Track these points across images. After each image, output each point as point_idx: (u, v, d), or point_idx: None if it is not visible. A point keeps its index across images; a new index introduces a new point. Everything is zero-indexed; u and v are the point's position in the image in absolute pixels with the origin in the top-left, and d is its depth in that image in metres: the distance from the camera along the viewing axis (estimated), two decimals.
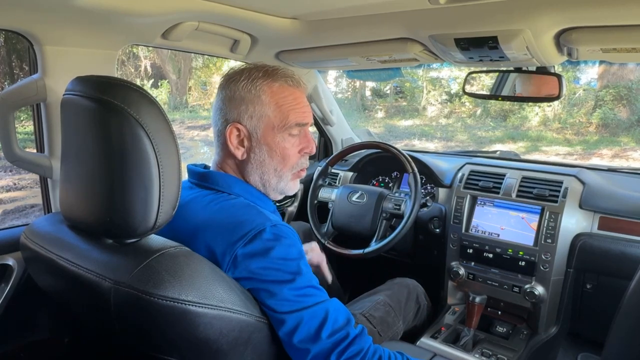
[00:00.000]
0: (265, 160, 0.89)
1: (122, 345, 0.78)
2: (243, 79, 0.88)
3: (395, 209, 1.53)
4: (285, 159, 0.90)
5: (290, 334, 0.74)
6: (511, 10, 0.97)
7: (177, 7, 1.03)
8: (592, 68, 8.09)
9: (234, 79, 0.89)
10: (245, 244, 0.75)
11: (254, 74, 0.88)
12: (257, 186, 0.92)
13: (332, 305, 0.78)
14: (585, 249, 1.38)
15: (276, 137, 0.89)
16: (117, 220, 0.68)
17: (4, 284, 1.09)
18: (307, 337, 0.74)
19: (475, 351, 1.44)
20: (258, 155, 0.89)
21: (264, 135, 0.88)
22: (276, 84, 0.88)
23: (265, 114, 0.87)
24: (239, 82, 0.88)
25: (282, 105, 0.88)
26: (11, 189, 5.03)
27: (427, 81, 10.04)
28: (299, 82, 0.91)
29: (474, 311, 1.53)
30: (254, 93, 0.87)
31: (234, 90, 0.88)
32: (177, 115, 9.92)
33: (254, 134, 0.88)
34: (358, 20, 1.16)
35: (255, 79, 0.87)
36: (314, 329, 0.74)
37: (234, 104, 0.88)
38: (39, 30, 1.03)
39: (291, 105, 0.89)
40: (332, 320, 0.76)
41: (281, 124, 0.88)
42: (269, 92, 0.87)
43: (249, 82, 0.87)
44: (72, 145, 0.74)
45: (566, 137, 8.05)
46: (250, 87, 0.87)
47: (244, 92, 0.87)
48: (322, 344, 0.74)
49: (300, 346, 0.74)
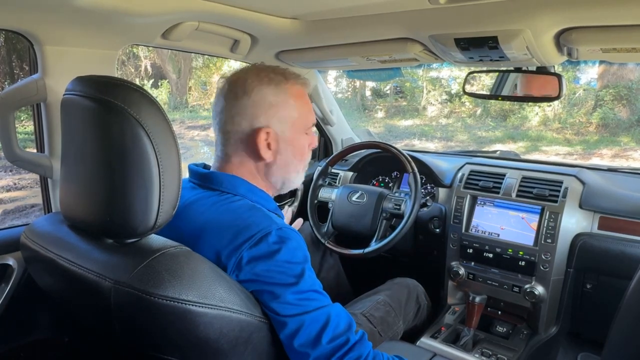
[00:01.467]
0: (289, 160, 0.92)
1: (122, 345, 0.78)
2: (267, 83, 0.88)
3: (395, 208, 1.54)
4: (303, 156, 0.96)
5: (291, 337, 0.74)
6: (511, 10, 0.97)
7: (177, 7, 1.03)
8: (592, 68, 8.10)
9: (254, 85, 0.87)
10: (251, 247, 0.75)
11: (273, 77, 0.89)
12: (274, 185, 0.95)
13: (334, 310, 0.78)
14: (585, 248, 1.38)
15: (300, 138, 0.93)
16: (117, 220, 0.68)
17: (4, 284, 1.09)
18: (307, 341, 0.74)
19: (475, 351, 1.44)
20: (284, 156, 0.91)
21: (290, 136, 0.91)
22: (297, 86, 0.91)
23: (292, 116, 0.90)
24: (263, 86, 0.87)
25: (302, 107, 0.92)
26: (11, 189, 5.03)
27: (427, 81, 10.04)
28: (306, 82, 0.95)
29: (474, 311, 1.53)
30: (282, 97, 0.89)
31: (260, 95, 0.87)
32: (177, 115, 9.92)
33: (282, 136, 0.90)
34: (358, 20, 1.16)
35: (280, 83, 0.89)
36: (314, 334, 0.75)
37: (262, 109, 0.87)
38: (39, 30, 1.03)
39: (309, 106, 0.94)
40: (334, 326, 0.76)
41: (304, 125, 0.93)
42: (294, 95, 0.90)
43: (275, 86, 0.88)
44: (72, 145, 0.74)
45: (566, 137, 8.05)
46: (278, 91, 0.88)
47: (272, 96, 0.88)
48: (321, 349, 0.74)
49: (300, 350, 0.75)
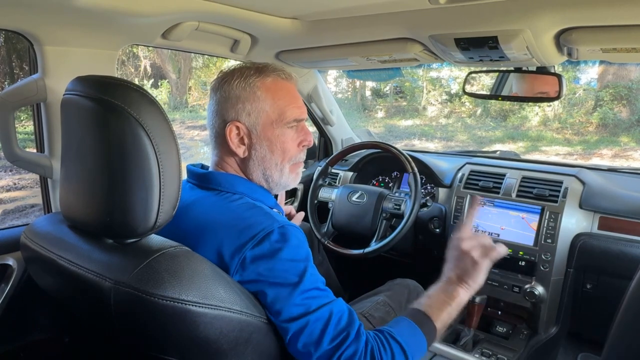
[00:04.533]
0: (267, 156, 0.90)
1: (122, 345, 0.78)
2: (236, 78, 0.88)
3: (395, 208, 1.54)
4: (285, 153, 0.91)
5: (295, 337, 0.75)
6: (511, 10, 0.97)
7: (177, 7, 1.03)
8: (592, 68, 8.09)
9: (226, 80, 0.90)
10: (253, 246, 0.75)
11: (245, 72, 0.89)
12: (260, 182, 0.93)
13: (336, 306, 0.79)
14: (586, 248, 1.38)
15: (275, 132, 0.90)
16: (117, 220, 0.68)
17: (4, 284, 1.09)
18: (310, 341, 0.75)
19: (475, 351, 1.44)
20: (259, 151, 0.90)
21: (263, 130, 0.89)
22: (269, 78, 0.89)
23: (262, 109, 0.88)
24: (232, 81, 0.89)
25: (278, 100, 0.89)
26: (11, 189, 5.03)
27: (427, 81, 10.04)
28: (290, 76, 0.92)
29: (474, 311, 1.53)
30: (249, 90, 0.88)
31: (228, 90, 0.89)
32: (177, 115, 9.92)
33: (254, 131, 0.89)
34: (358, 20, 1.16)
35: (248, 77, 0.88)
36: (317, 333, 0.75)
37: (230, 103, 0.89)
38: (39, 31, 1.03)
39: (287, 99, 0.90)
40: (335, 323, 0.76)
41: (279, 119, 0.89)
42: (263, 87, 0.88)
43: (242, 80, 0.88)
44: (72, 145, 0.74)
45: (566, 137, 8.05)
46: (244, 84, 0.88)
47: (239, 90, 0.88)
48: (324, 348, 0.75)
49: (303, 350, 0.75)
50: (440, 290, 0.93)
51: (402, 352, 0.81)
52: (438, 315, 0.88)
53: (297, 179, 0.97)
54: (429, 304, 0.90)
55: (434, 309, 0.89)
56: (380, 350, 0.80)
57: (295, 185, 0.98)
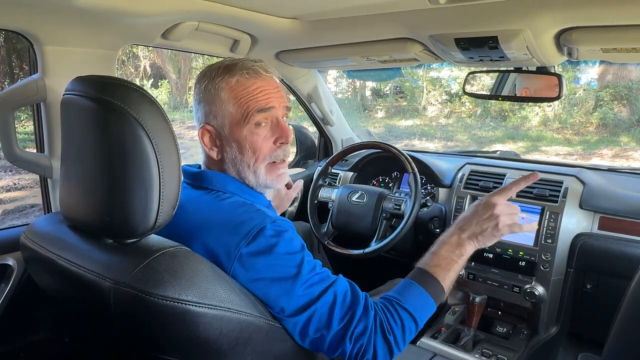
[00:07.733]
0: (237, 157, 0.88)
1: (122, 345, 0.78)
2: (205, 79, 0.88)
3: (395, 209, 1.53)
4: (257, 152, 0.88)
5: (305, 327, 0.76)
6: (511, 10, 0.97)
7: (177, 7, 1.03)
8: (592, 68, 8.10)
9: (198, 81, 0.90)
10: (248, 243, 0.75)
11: (214, 72, 0.87)
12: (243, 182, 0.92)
13: (339, 286, 0.80)
14: (586, 249, 1.38)
15: (243, 132, 0.86)
16: (117, 220, 0.68)
17: (4, 284, 1.09)
18: (320, 325, 0.76)
19: (475, 351, 1.44)
20: (229, 153, 0.89)
21: (231, 132, 0.87)
22: (233, 79, 0.86)
23: (227, 111, 0.86)
24: (201, 84, 0.89)
25: (241, 98, 0.86)
26: (11, 189, 5.03)
27: (427, 81, 10.04)
28: (258, 72, 0.87)
29: (474, 311, 1.53)
30: (214, 92, 0.87)
31: (198, 92, 0.89)
32: (177, 115, 9.92)
33: (222, 133, 0.88)
34: (358, 20, 1.16)
35: (215, 77, 0.87)
36: (325, 317, 0.76)
37: (201, 106, 0.89)
38: (39, 31, 1.03)
39: (251, 95, 0.86)
40: (340, 303, 0.78)
41: (243, 117, 0.86)
42: (227, 88, 0.86)
43: (209, 82, 0.87)
44: (72, 145, 0.74)
45: (566, 137, 8.05)
46: (210, 87, 0.87)
47: (206, 93, 0.88)
48: (334, 329, 0.76)
49: (316, 335, 0.77)
50: (447, 247, 0.92)
51: (411, 319, 0.82)
52: (445, 275, 0.88)
53: (281, 179, 0.93)
54: (436, 264, 0.89)
55: (441, 269, 0.88)
56: (390, 320, 0.81)
57: (280, 186, 0.95)
